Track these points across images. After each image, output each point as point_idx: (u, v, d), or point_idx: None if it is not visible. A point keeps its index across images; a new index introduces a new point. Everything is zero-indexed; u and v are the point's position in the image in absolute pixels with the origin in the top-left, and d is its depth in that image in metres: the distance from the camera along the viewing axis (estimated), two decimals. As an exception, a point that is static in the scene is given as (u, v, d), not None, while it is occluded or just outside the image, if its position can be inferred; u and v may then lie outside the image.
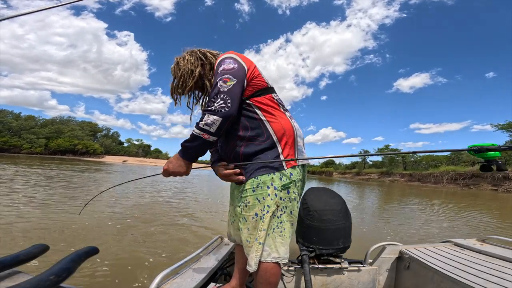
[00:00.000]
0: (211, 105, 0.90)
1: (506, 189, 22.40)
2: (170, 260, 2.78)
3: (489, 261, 1.35)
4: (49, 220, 4.01)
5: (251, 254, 0.95)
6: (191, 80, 1.08)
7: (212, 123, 0.89)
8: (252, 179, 0.96)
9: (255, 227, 0.95)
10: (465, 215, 7.59)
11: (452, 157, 37.70)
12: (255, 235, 0.95)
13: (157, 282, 0.97)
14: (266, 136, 0.98)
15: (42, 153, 58.84)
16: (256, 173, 0.96)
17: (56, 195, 6.28)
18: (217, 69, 0.98)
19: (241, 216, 0.99)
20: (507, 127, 27.70)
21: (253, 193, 0.95)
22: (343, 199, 1.58)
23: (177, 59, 1.13)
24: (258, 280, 0.97)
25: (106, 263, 2.55)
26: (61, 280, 0.42)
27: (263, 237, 0.94)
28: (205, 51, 1.13)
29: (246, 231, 0.97)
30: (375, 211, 7.88)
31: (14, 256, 0.45)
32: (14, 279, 0.43)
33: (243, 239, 0.99)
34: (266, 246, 0.95)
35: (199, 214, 5.46)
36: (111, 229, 3.79)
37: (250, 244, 0.96)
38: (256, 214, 0.94)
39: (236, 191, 1.05)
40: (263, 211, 0.94)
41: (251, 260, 0.95)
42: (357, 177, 48.34)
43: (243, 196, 0.97)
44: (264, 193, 0.94)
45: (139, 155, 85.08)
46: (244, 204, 0.97)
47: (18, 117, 65.88)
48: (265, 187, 0.94)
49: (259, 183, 0.95)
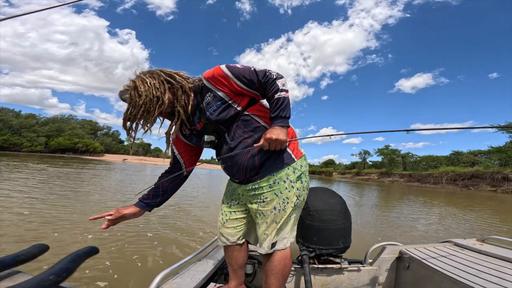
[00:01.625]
0: (271, 75, 0.96)
1: (505, 189, 22.42)
2: (170, 260, 2.78)
3: (489, 261, 1.35)
4: (49, 220, 4.01)
5: (267, 240, 1.01)
6: (157, 109, 0.94)
7: (285, 83, 0.98)
8: (268, 177, 1.00)
9: (274, 219, 1.01)
10: (463, 215, 7.59)
11: (452, 157, 37.72)
12: (275, 227, 1.01)
13: (157, 282, 0.97)
14: None
15: (42, 151, 58.88)
16: (270, 171, 1.00)
17: (56, 195, 6.28)
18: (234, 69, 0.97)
19: (257, 211, 1.02)
20: (507, 128, 27.69)
21: (270, 189, 1.00)
22: (343, 199, 1.58)
23: (134, 83, 0.94)
24: (271, 270, 1.02)
25: (106, 263, 2.55)
26: (61, 280, 0.42)
27: (284, 226, 1.02)
28: (171, 72, 1.00)
29: (264, 225, 1.02)
30: (373, 210, 7.88)
31: (14, 256, 0.45)
32: (14, 279, 0.43)
33: (260, 232, 1.03)
34: (285, 234, 1.03)
35: (198, 212, 5.47)
36: (111, 229, 3.78)
37: (266, 237, 1.02)
38: (275, 208, 1.00)
39: (245, 191, 1.06)
40: (282, 203, 1.00)
41: (266, 244, 1.01)
42: (356, 177, 48.38)
43: (259, 193, 1.01)
44: (281, 187, 1.00)
45: (139, 154, 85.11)
46: (261, 200, 1.01)
47: (19, 115, 65.92)
48: (281, 182, 1.00)
49: (275, 180, 1.00)
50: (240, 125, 1.01)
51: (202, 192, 9.33)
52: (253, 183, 1.02)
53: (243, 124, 1.01)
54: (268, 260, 1.03)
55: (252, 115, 1.03)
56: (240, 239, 1.15)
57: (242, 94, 1.01)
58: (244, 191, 1.07)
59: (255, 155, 1.00)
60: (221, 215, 1.18)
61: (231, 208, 1.16)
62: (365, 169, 51.81)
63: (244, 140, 1.01)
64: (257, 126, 1.02)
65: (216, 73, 0.98)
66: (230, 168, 1.06)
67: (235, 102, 1.00)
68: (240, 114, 1.01)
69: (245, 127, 1.01)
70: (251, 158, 1.00)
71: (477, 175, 26.10)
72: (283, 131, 0.94)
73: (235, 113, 1.00)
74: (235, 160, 1.02)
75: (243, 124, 1.01)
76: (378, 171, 44.72)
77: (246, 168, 1.02)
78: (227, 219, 1.15)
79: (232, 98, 1.00)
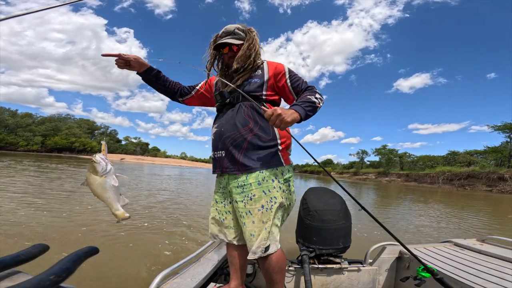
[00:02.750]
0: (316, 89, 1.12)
1: (500, 189, 22.66)
2: (170, 260, 2.77)
3: (489, 261, 1.36)
4: (49, 220, 3.98)
5: (257, 243, 0.98)
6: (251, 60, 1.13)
7: (323, 100, 1.10)
8: (257, 173, 1.01)
9: (261, 219, 0.99)
10: (459, 215, 7.66)
11: (449, 157, 38.02)
12: (262, 226, 0.99)
13: (157, 282, 0.97)
14: (272, 136, 1.08)
15: (38, 150, 58.32)
16: (261, 168, 1.02)
17: (56, 195, 6.23)
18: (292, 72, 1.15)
19: (244, 210, 1.01)
20: (503, 128, 27.97)
21: (259, 186, 1.01)
22: (343, 199, 1.58)
23: (253, 32, 1.17)
24: (272, 270, 1.04)
25: (106, 263, 2.54)
26: (61, 280, 0.41)
27: (270, 227, 1.00)
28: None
29: (250, 224, 1.00)
30: (372, 210, 7.91)
31: (14, 256, 0.44)
32: (14, 279, 0.43)
33: (247, 232, 1.01)
34: (272, 236, 1.01)
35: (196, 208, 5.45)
36: (111, 229, 3.77)
37: (254, 238, 0.99)
38: (262, 206, 0.99)
39: (234, 188, 1.05)
40: (270, 202, 1.00)
41: (258, 248, 0.98)
42: (354, 176, 48.58)
43: (247, 190, 1.01)
44: (270, 186, 1.01)
45: (137, 153, 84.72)
46: (249, 197, 1.00)
47: (15, 114, 65.14)
48: (270, 180, 1.02)
49: (264, 177, 1.01)
50: (254, 107, 1.09)
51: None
52: (243, 178, 1.02)
53: (256, 109, 1.09)
54: (266, 262, 1.03)
55: (270, 102, 1.15)
56: (237, 240, 1.14)
57: (275, 92, 1.16)
58: (233, 188, 1.06)
59: (247, 139, 1.04)
60: (215, 214, 1.16)
61: (226, 207, 1.14)
62: (362, 168, 52.06)
63: (248, 119, 1.07)
64: (262, 115, 1.07)
65: (278, 65, 1.16)
66: (219, 135, 1.10)
67: (267, 90, 1.13)
68: (260, 99, 1.12)
69: (256, 112, 1.09)
70: (242, 137, 1.04)
71: (473, 175, 26.35)
72: (293, 116, 0.95)
73: (259, 95, 1.12)
74: (228, 128, 1.08)
75: (256, 109, 1.09)
76: (376, 170, 44.96)
77: (232, 143, 1.05)
78: (224, 218, 1.13)
79: (268, 86, 1.13)
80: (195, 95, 1.35)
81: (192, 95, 1.35)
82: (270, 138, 1.08)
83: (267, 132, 1.08)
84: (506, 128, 27.57)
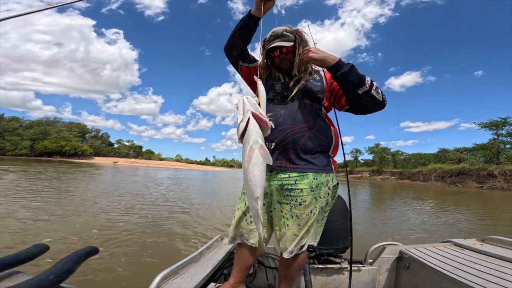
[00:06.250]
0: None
1: (491, 186, 23.31)
2: (170, 260, 2.75)
3: (489, 261, 1.35)
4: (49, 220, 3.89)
5: (295, 242, 1.01)
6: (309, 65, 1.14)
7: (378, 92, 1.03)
8: (310, 178, 1.01)
9: (307, 222, 1.01)
10: (451, 213, 7.84)
11: (439, 155, 38.89)
12: (306, 229, 1.01)
13: (157, 282, 0.95)
14: (329, 138, 1.10)
15: (27, 155, 56.67)
16: (315, 171, 1.02)
17: (56, 196, 6.07)
18: None
19: (290, 213, 1.01)
20: (489, 126, 28.79)
21: (311, 193, 1.01)
22: (343, 199, 1.58)
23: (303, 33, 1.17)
24: (295, 268, 1.07)
25: (106, 263, 2.50)
26: (61, 280, 0.41)
27: (311, 227, 1.03)
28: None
29: (295, 227, 1.01)
30: (370, 210, 8.02)
31: (14, 256, 0.45)
32: (14, 279, 0.43)
33: (289, 233, 1.01)
34: (309, 237, 1.05)
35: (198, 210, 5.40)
36: (110, 229, 3.71)
37: (296, 238, 1.01)
38: (311, 211, 1.01)
39: (279, 186, 1.02)
40: (318, 208, 1.03)
41: (295, 247, 1.01)
42: (349, 175, 48.86)
43: (296, 195, 1.00)
44: (321, 193, 1.03)
45: (130, 156, 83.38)
46: (298, 202, 1.00)
47: (1, 118, 63.19)
48: (322, 187, 1.03)
49: (318, 184, 1.02)
50: (314, 108, 1.10)
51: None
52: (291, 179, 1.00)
53: (315, 109, 1.10)
54: (292, 260, 1.05)
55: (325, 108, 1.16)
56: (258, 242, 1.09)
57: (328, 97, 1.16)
58: (277, 189, 1.03)
59: (305, 136, 1.03)
60: (241, 214, 1.11)
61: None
62: (357, 167, 52.69)
63: (310, 117, 1.07)
64: (321, 117, 1.10)
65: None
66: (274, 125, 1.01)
67: (324, 93, 1.14)
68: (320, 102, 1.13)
69: (316, 113, 1.09)
70: (300, 133, 1.03)
71: (464, 172, 27.02)
72: (326, 57, 0.98)
73: (322, 97, 1.13)
74: (288, 120, 1.04)
75: (315, 109, 1.10)
76: (370, 169, 45.55)
77: (289, 137, 1.02)
78: (251, 220, 1.08)
79: (326, 90, 1.14)
80: (253, 69, 1.25)
81: (255, 66, 1.25)
82: (327, 141, 1.09)
83: (324, 135, 1.08)
84: (492, 125, 28.36)
